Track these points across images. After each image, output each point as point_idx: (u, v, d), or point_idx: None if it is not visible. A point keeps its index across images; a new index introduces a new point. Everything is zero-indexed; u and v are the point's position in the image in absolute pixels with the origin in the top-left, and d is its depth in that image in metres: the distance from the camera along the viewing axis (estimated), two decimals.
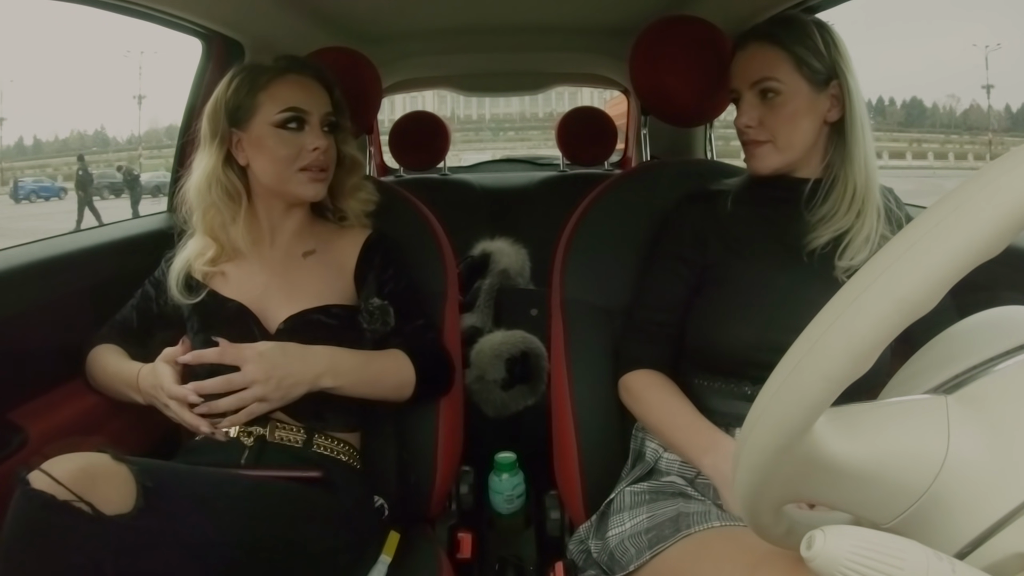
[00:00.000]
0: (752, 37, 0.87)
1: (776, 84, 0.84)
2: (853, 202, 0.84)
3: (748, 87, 0.86)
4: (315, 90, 0.94)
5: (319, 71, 0.97)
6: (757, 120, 0.86)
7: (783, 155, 0.86)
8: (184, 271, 0.95)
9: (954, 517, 0.37)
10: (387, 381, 0.93)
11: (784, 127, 0.85)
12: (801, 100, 0.84)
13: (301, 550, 0.79)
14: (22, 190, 14.60)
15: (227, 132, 0.92)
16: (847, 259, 0.83)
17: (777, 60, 0.84)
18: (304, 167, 0.92)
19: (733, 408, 0.83)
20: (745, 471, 0.38)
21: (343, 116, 0.98)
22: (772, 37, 0.85)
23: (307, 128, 0.92)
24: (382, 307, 0.95)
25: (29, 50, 38.39)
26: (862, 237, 0.83)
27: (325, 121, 0.94)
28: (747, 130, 0.87)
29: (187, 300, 0.94)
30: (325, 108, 0.94)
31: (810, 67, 0.83)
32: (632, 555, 0.76)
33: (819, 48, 0.84)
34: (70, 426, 0.92)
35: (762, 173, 0.87)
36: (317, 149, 0.91)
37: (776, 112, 0.84)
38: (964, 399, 0.39)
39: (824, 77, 0.84)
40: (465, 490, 1.11)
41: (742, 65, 0.87)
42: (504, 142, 19.19)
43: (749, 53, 0.87)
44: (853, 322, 0.32)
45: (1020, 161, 0.29)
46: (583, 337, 0.97)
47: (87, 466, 0.67)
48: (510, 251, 1.72)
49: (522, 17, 1.62)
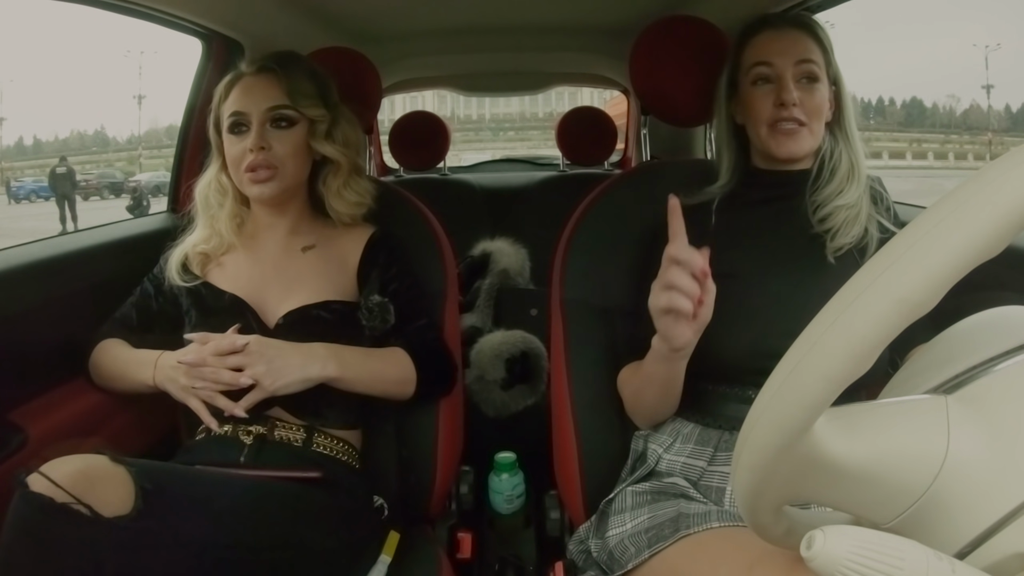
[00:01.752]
0: (785, 21, 0.88)
1: (816, 69, 0.85)
2: (846, 178, 0.86)
3: (792, 65, 0.85)
4: (258, 87, 0.93)
5: (266, 65, 0.95)
6: (800, 100, 0.85)
7: (815, 140, 0.87)
8: (182, 259, 0.96)
9: (954, 517, 0.36)
10: (389, 376, 0.93)
11: (815, 116, 0.86)
12: (825, 94, 0.86)
13: (301, 550, 0.79)
14: (22, 190, 14.57)
15: (218, 141, 0.97)
16: (839, 239, 0.84)
17: (814, 48, 0.86)
18: (245, 168, 0.92)
19: (739, 413, 0.82)
20: (745, 471, 0.38)
21: (313, 107, 0.94)
22: (808, 27, 0.87)
23: (248, 130, 0.92)
24: (382, 304, 0.95)
25: (29, 50, 38.42)
26: (855, 211, 0.85)
27: (268, 117, 0.92)
28: (792, 108, 0.84)
29: (185, 283, 0.95)
30: (267, 103, 0.92)
31: (830, 64, 0.86)
32: (631, 554, 0.76)
33: (830, 48, 0.87)
34: (70, 426, 0.92)
35: (795, 155, 0.87)
36: (251, 151, 0.91)
37: (812, 98, 0.85)
38: (964, 399, 0.39)
39: (832, 77, 0.87)
40: (465, 490, 1.11)
41: (783, 44, 0.86)
42: (504, 142, 19.19)
43: (790, 35, 0.86)
44: (853, 322, 0.32)
45: (1020, 161, 0.29)
46: (583, 337, 0.97)
47: (85, 468, 0.67)
48: (510, 251, 1.72)
49: (522, 17, 1.63)
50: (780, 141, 0.86)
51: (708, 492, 0.81)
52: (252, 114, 0.92)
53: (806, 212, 0.86)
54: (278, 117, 0.93)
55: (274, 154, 0.92)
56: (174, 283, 0.96)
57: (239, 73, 0.96)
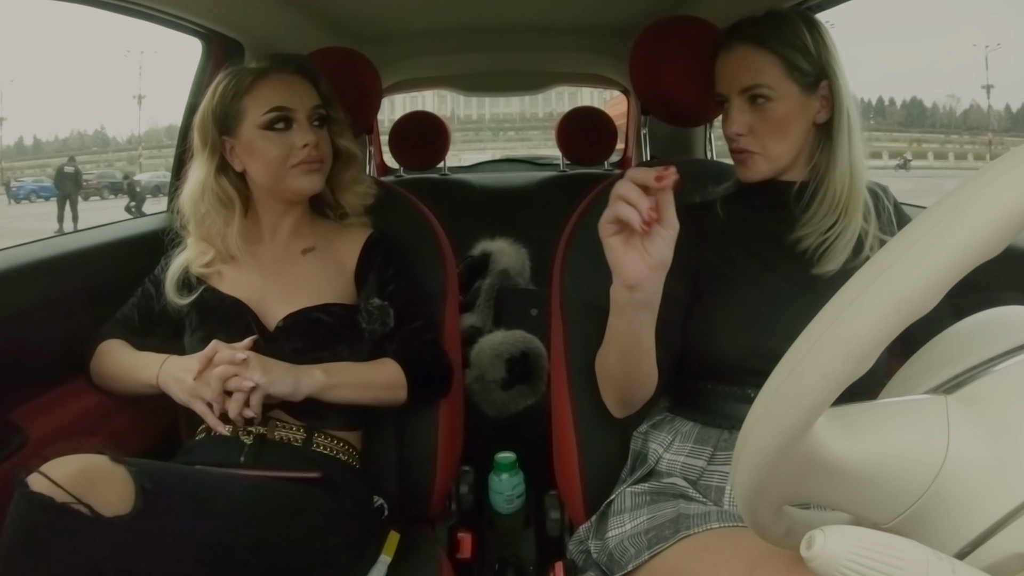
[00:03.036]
0: (737, 38, 0.84)
1: (766, 91, 0.81)
2: (835, 206, 0.82)
3: (737, 93, 0.84)
4: (299, 86, 0.93)
5: (302, 66, 0.96)
6: (747, 128, 0.84)
7: (773, 164, 0.85)
8: (180, 274, 0.95)
9: (954, 517, 0.36)
10: (378, 384, 0.92)
11: (774, 135, 0.83)
12: (792, 105, 0.82)
13: (301, 550, 0.79)
14: (22, 190, 14.56)
15: (217, 140, 0.92)
16: (822, 265, 0.81)
17: (766, 65, 0.81)
18: (297, 163, 0.91)
19: (738, 411, 0.82)
20: (745, 471, 0.38)
21: (333, 108, 0.97)
22: (759, 39, 0.82)
23: (295, 126, 0.91)
24: (382, 308, 0.95)
25: (29, 50, 38.45)
26: (843, 241, 0.82)
27: (313, 115, 0.93)
28: (738, 138, 0.85)
29: (183, 300, 0.93)
30: (312, 102, 0.93)
31: (800, 70, 0.81)
32: (631, 555, 0.76)
33: (808, 47, 0.81)
34: (70, 426, 0.92)
35: (751, 180, 0.87)
36: (307, 145, 0.91)
37: (766, 118, 0.83)
38: (964, 399, 0.39)
39: (814, 79, 0.82)
40: (465, 490, 1.11)
41: (730, 69, 0.85)
42: (504, 142, 19.18)
43: (737, 56, 0.84)
44: (853, 322, 0.32)
45: (1020, 161, 0.29)
46: (583, 337, 0.97)
47: (85, 468, 0.67)
48: (510, 251, 1.72)
49: (522, 17, 1.62)
50: (738, 167, 0.87)
51: (707, 492, 0.81)
52: (299, 110, 0.92)
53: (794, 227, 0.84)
54: (319, 116, 0.94)
55: (323, 149, 0.94)
56: (174, 304, 0.94)
57: (262, 69, 0.92)
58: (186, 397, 0.84)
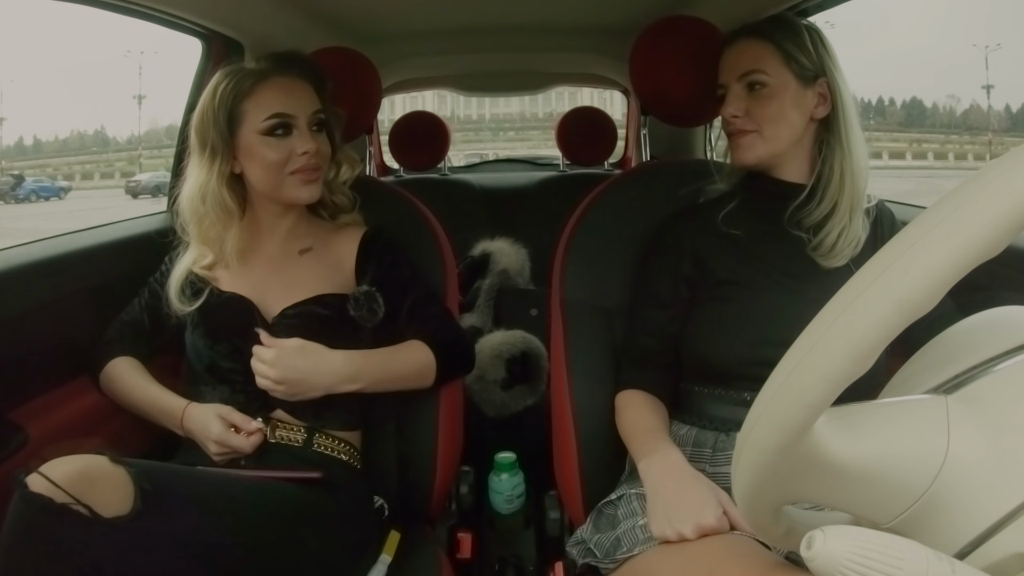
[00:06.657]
0: (740, 33, 0.89)
1: (764, 77, 0.85)
2: (836, 207, 0.84)
3: (736, 79, 0.87)
4: (300, 90, 0.92)
5: (304, 67, 0.94)
6: (744, 110, 0.86)
7: (769, 145, 0.86)
8: (183, 280, 0.94)
9: (954, 517, 0.36)
10: (409, 373, 0.94)
11: (770, 118, 0.85)
12: (788, 94, 0.84)
13: (301, 550, 0.79)
14: (22, 190, 14.53)
15: (217, 143, 0.90)
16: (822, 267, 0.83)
17: (765, 54, 0.85)
18: (295, 170, 0.90)
19: (732, 414, 0.82)
20: (745, 471, 0.38)
21: (332, 110, 0.96)
22: (760, 32, 0.86)
23: (295, 132, 0.90)
24: (368, 293, 0.95)
25: (29, 50, 38.41)
26: (844, 243, 0.83)
27: (313, 121, 0.92)
28: (733, 120, 0.87)
29: (188, 307, 0.93)
30: (312, 107, 0.92)
31: (798, 63, 0.84)
32: (625, 549, 0.76)
33: (807, 46, 0.85)
34: (70, 426, 0.92)
35: (747, 163, 0.87)
36: (307, 153, 0.90)
37: (763, 104, 0.85)
38: (964, 399, 0.39)
39: (812, 74, 0.85)
40: (465, 490, 1.11)
41: (731, 59, 0.88)
42: (504, 142, 19.16)
43: (738, 48, 0.88)
44: (853, 322, 0.32)
45: (1020, 161, 0.29)
46: (583, 337, 0.97)
47: (85, 468, 0.67)
48: (510, 251, 1.72)
49: (522, 17, 1.62)
50: (734, 151, 0.89)
51: None
52: (299, 116, 0.90)
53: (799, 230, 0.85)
54: (318, 121, 0.93)
55: (322, 155, 0.93)
56: (178, 311, 0.94)
57: (263, 72, 0.91)
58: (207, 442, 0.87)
